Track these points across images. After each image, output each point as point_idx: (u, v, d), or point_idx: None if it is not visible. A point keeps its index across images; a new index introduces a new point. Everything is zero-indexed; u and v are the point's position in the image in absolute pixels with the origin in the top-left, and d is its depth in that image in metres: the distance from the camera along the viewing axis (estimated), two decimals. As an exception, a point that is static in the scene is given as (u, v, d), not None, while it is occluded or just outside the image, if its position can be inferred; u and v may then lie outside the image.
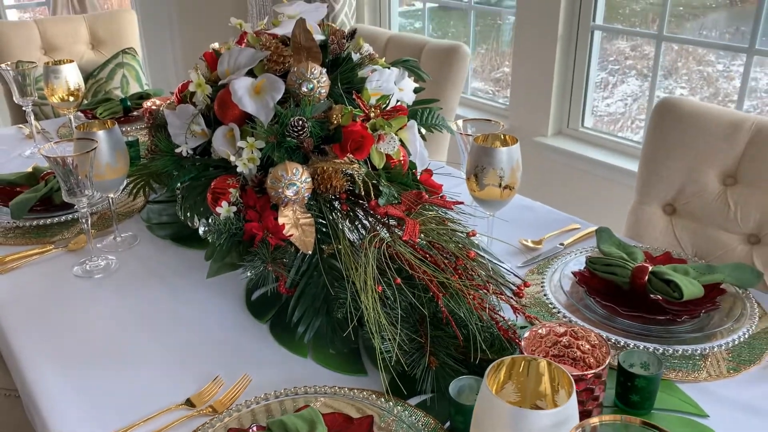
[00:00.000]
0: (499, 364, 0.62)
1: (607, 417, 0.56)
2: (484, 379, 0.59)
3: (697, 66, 3.06)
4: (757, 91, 2.72)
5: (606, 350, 0.82)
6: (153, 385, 0.98)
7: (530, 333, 0.86)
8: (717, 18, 2.90)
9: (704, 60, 3.03)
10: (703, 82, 3.04)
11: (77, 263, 1.32)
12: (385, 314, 0.97)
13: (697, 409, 0.91)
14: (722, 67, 3.02)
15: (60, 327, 1.13)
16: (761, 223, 1.24)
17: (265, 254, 1.01)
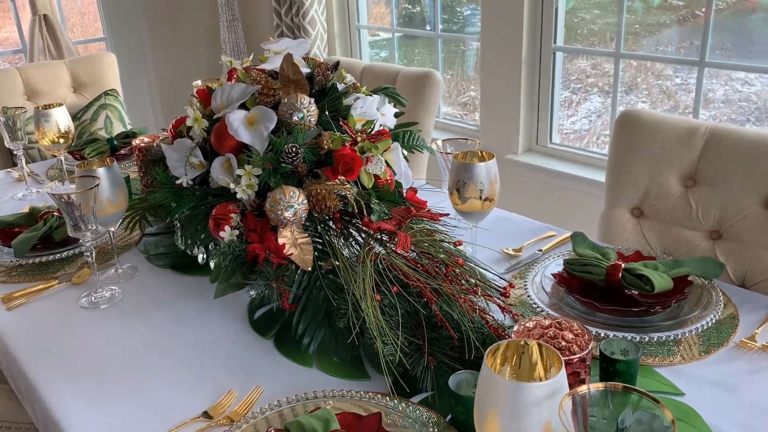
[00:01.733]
0: (497, 347, 0.70)
1: (594, 385, 0.65)
2: (484, 360, 0.68)
3: (657, 80, 3.20)
4: (714, 101, 2.86)
5: (588, 337, 0.91)
6: (169, 402, 1.04)
7: (519, 326, 0.95)
8: (671, 34, 3.06)
9: (662, 74, 3.17)
10: (663, 96, 3.18)
11: (83, 296, 1.38)
12: (384, 320, 1.05)
13: (674, 388, 1.00)
14: (680, 80, 3.17)
15: (72, 355, 1.18)
16: (721, 219, 1.35)
17: (269, 272, 1.09)
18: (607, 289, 1.20)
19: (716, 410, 0.96)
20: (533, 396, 0.65)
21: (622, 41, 2.32)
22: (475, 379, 0.97)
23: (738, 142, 1.31)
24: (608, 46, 2.74)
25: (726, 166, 1.33)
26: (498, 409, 0.67)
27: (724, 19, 2.46)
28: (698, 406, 0.96)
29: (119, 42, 3.66)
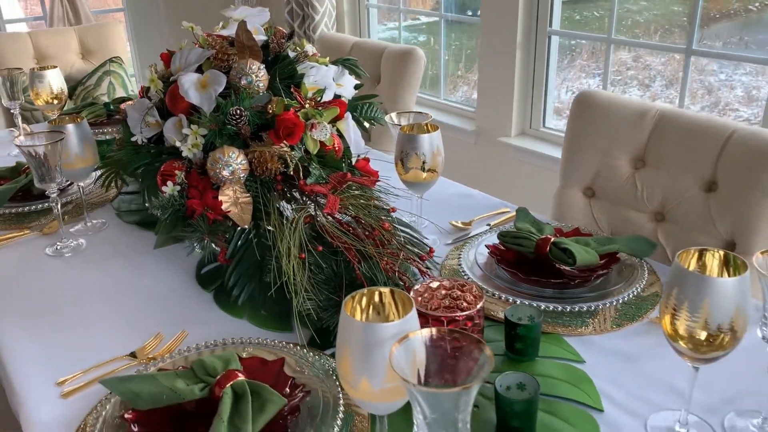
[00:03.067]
0: (356, 294, 0.75)
1: (424, 331, 0.69)
2: (342, 306, 0.73)
3: (699, 75, 3.14)
4: (759, 99, 2.80)
5: (480, 297, 0.95)
6: (104, 340, 1.12)
7: (422, 286, 0.99)
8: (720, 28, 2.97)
9: (706, 70, 3.12)
10: (704, 92, 3.13)
11: (50, 245, 1.46)
12: (309, 278, 1.11)
13: (576, 356, 1.04)
14: (724, 76, 3.11)
15: (28, 294, 1.27)
16: (663, 201, 1.36)
17: (202, 227, 1.15)
18: (537, 261, 1.23)
19: (611, 379, 0.99)
20: (380, 336, 0.70)
21: (613, 27, 2.31)
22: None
23: (682, 125, 1.32)
24: (651, 38, 2.71)
25: (671, 148, 1.34)
26: (350, 347, 0.72)
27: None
28: (595, 374, 1.00)
29: (137, 13, 3.76)
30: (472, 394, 0.64)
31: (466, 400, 0.65)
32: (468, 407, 0.67)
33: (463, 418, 0.67)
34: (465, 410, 0.66)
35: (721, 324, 0.76)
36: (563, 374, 0.99)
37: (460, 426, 0.68)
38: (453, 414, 0.66)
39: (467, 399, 0.65)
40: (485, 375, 0.64)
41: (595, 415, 0.92)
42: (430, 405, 0.65)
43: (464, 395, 0.64)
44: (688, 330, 0.78)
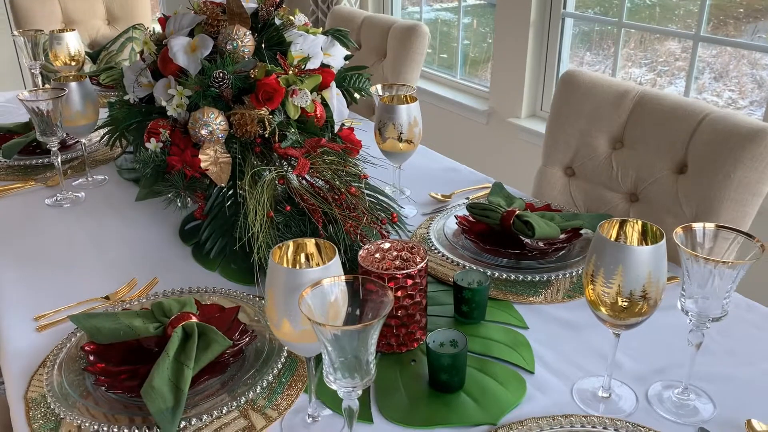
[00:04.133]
0: (282, 245, 0.80)
1: (329, 279, 0.74)
2: (270, 255, 0.78)
3: (751, 69, 3.07)
4: None
5: (423, 257, 0.99)
6: (83, 284, 1.20)
7: (373, 245, 1.04)
8: None
9: (758, 64, 3.04)
10: (754, 85, 3.06)
11: (50, 196, 1.55)
12: (276, 236, 1.17)
13: (521, 322, 1.08)
14: None
15: (23, 240, 1.36)
16: (637, 181, 1.38)
17: (178, 182, 1.21)
18: (503, 233, 1.27)
19: (551, 345, 1.03)
20: (299, 280, 0.75)
21: (624, 12, 2.30)
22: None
23: (659, 106, 1.34)
24: (690, 29, 2.66)
25: (648, 130, 1.35)
26: (275, 291, 0.77)
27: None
28: (536, 340, 1.04)
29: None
30: (371, 332, 0.69)
31: (367, 339, 0.70)
32: (371, 348, 0.72)
33: (367, 358, 0.72)
34: (369, 350, 0.72)
35: (634, 290, 0.79)
36: (504, 338, 1.04)
37: (365, 367, 0.73)
38: (358, 354, 0.71)
39: (367, 338, 0.70)
40: (384, 315, 0.69)
41: (526, 376, 0.96)
42: (336, 345, 0.70)
43: (364, 333, 0.69)
44: (603, 296, 0.81)
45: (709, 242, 0.84)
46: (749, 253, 0.81)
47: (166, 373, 0.87)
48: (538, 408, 0.90)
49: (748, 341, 1.03)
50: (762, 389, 0.93)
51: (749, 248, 0.81)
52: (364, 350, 0.71)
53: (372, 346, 0.72)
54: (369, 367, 0.73)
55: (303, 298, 0.70)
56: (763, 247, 0.80)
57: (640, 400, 0.92)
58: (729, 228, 0.83)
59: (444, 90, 3.12)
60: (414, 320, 1.00)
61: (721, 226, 0.84)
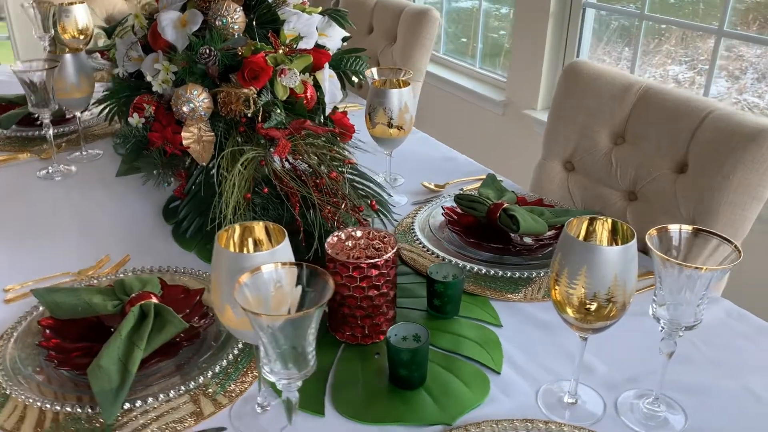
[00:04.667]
0: (228, 229, 0.77)
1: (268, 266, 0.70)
2: (215, 239, 0.75)
3: None
4: None
5: (392, 246, 0.96)
6: (59, 258, 1.19)
7: (344, 232, 1.01)
8: None
9: None
10: None
11: (43, 168, 1.54)
12: (253, 218, 1.14)
13: (496, 320, 1.03)
14: None
15: (7, 211, 1.35)
16: (635, 179, 1.32)
17: (156, 159, 1.19)
18: (489, 227, 1.22)
19: (523, 345, 0.98)
20: (241, 265, 0.72)
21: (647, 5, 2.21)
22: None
23: (663, 102, 1.27)
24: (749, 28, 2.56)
25: (650, 126, 1.29)
26: (218, 275, 0.74)
27: None
28: (508, 339, 0.99)
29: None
30: (307, 322, 0.66)
31: (305, 329, 0.67)
32: (310, 338, 0.68)
33: (305, 349, 0.69)
34: (307, 340, 0.68)
35: (599, 293, 0.75)
36: (475, 335, 0.99)
37: (304, 358, 0.70)
38: (295, 344, 0.68)
39: (305, 328, 0.66)
40: (322, 304, 0.65)
41: (492, 377, 0.92)
42: (271, 335, 0.67)
43: (300, 323, 0.66)
44: (567, 297, 0.77)
45: (685, 246, 0.79)
46: (726, 258, 0.76)
47: (116, 353, 0.85)
48: (499, 410, 0.86)
49: (735, 353, 0.97)
50: (741, 405, 0.88)
51: (727, 253, 0.76)
52: (302, 340, 0.68)
53: (311, 335, 0.68)
54: (308, 358, 0.70)
55: (239, 284, 0.67)
56: (740, 253, 0.75)
57: (608, 408, 0.87)
58: (707, 231, 0.78)
59: (461, 79, 3.06)
60: (380, 312, 0.96)
61: (700, 229, 0.78)
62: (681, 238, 0.79)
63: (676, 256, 0.79)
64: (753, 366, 0.95)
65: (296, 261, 0.73)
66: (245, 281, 0.68)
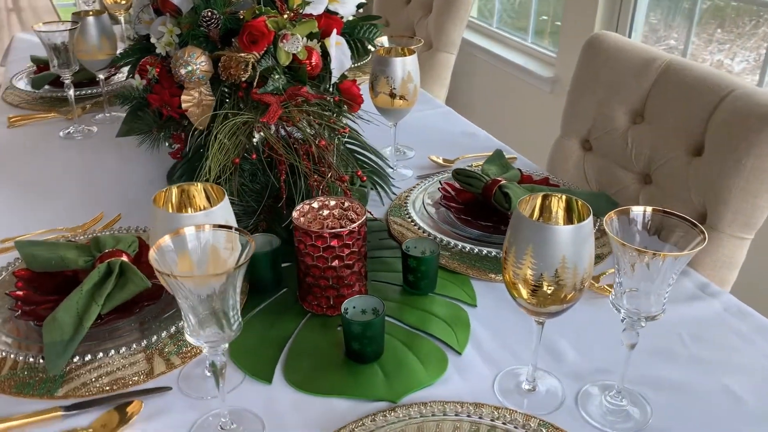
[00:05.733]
0: (165, 190, 0.76)
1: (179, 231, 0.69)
2: (152, 200, 0.75)
3: None
4: None
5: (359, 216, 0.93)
6: (59, 214, 1.22)
7: (317, 200, 0.99)
8: None
9: None
10: None
11: (65, 128, 1.59)
12: (242, 185, 1.14)
13: (470, 299, 0.99)
14: None
15: (22, 167, 1.40)
16: (650, 161, 1.23)
17: (150, 120, 1.20)
18: (486, 204, 1.17)
19: (493, 328, 0.94)
20: (176, 224, 0.71)
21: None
22: (270, 243, 1.03)
23: (684, 78, 1.18)
24: None
25: (669, 104, 1.20)
26: (155, 236, 0.74)
27: None
28: (479, 319, 0.95)
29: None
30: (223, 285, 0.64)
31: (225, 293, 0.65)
32: (229, 301, 0.67)
33: (226, 312, 0.68)
34: (225, 303, 0.67)
35: (545, 274, 0.70)
36: (445, 313, 0.96)
37: (226, 322, 0.69)
38: (215, 306, 0.67)
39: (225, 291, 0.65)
40: (244, 262, 0.64)
41: (453, 357, 0.88)
42: (188, 297, 0.66)
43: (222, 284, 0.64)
44: (514, 277, 0.72)
45: (653, 230, 0.73)
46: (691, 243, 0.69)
47: (74, 307, 0.86)
48: (452, 392, 0.83)
49: (725, 352, 0.90)
50: (712, 405, 0.81)
51: (693, 238, 0.70)
52: (223, 304, 0.67)
53: (231, 299, 0.67)
54: (231, 322, 0.68)
55: (159, 245, 0.66)
56: (705, 238, 0.68)
57: (568, 399, 0.82)
58: (670, 213, 0.71)
59: (509, 53, 2.96)
60: (345, 283, 0.94)
61: (662, 210, 0.72)
62: (646, 221, 0.72)
63: (640, 241, 0.73)
64: (739, 366, 0.87)
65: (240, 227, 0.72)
66: (165, 243, 0.67)
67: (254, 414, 0.79)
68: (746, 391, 0.83)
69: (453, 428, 0.76)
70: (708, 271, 1.08)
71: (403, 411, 0.78)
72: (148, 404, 0.80)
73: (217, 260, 0.71)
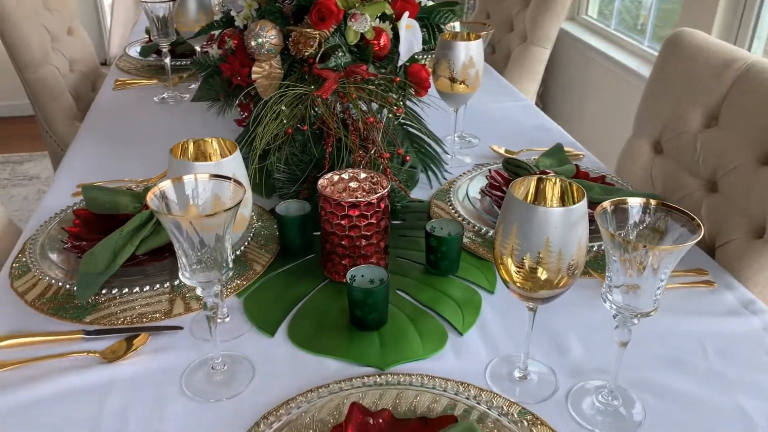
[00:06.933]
0: (182, 143, 0.82)
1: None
2: (170, 151, 0.80)
3: None
4: None
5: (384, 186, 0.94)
6: (135, 167, 1.33)
7: (348, 173, 1.01)
8: None
9: None
10: None
11: (161, 94, 1.72)
12: (292, 154, 1.20)
13: (491, 286, 0.98)
14: None
15: (115, 123, 1.54)
16: (715, 168, 1.14)
17: (219, 87, 1.28)
18: (531, 195, 1.15)
19: (503, 316, 0.92)
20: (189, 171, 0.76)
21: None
22: (302, 208, 1.07)
23: (764, 82, 1.09)
24: None
25: (744, 108, 1.11)
26: (171, 181, 0.80)
27: None
28: (492, 306, 0.94)
29: None
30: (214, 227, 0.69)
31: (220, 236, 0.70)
32: (225, 243, 0.71)
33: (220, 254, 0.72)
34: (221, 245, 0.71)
35: (528, 257, 0.68)
36: (458, 295, 0.96)
37: (220, 264, 0.73)
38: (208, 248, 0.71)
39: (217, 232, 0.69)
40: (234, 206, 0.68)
41: (454, 337, 0.88)
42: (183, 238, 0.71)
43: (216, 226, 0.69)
44: (500, 257, 0.71)
45: (650, 224, 0.69)
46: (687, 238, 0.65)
47: (112, 246, 0.95)
48: (442, 369, 0.83)
49: (750, 371, 0.83)
50: (717, 422, 0.75)
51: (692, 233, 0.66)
52: (217, 245, 0.71)
53: (222, 242, 0.71)
54: (222, 265, 0.73)
55: (159, 188, 0.72)
56: (701, 229, 0.64)
57: (559, 393, 0.80)
58: (669, 206, 0.67)
59: (627, 57, 2.82)
60: (361, 254, 0.96)
61: (661, 203, 0.68)
62: (644, 214, 0.69)
63: (637, 235, 0.69)
64: (762, 387, 0.80)
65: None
66: (165, 186, 0.72)
67: (248, 360, 0.83)
68: (760, 414, 0.77)
69: (431, 401, 0.76)
70: (759, 288, 1.00)
71: (387, 378, 0.79)
72: (158, 339, 0.86)
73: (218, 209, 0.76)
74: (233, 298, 0.95)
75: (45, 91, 1.90)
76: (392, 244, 1.08)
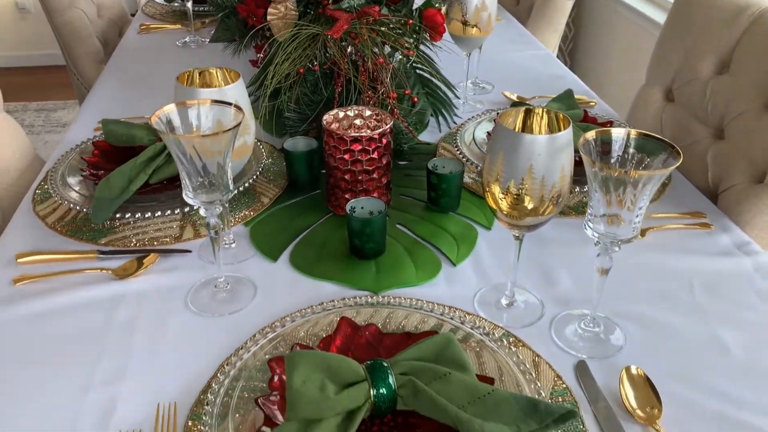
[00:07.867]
0: (188, 71, 0.85)
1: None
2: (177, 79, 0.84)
3: None
4: None
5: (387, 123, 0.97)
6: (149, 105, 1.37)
7: (353, 110, 1.04)
8: None
9: None
10: None
11: (184, 37, 1.76)
12: (303, 94, 1.23)
13: (489, 223, 1.01)
14: None
15: (144, 64, 1.59)
16: (723, 115, 1.14)
17: (234, 28, 1.31)
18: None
19: (497, 249, 0.95)
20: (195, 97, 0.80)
21: None
22: (309, 144, 1.10)
23: (775, 27, 1.08)
24: None
25: (754, 55, 1.11)
26: (179, 108, 0.83)
27: None
28: (488, 241, 0.97)
29: None
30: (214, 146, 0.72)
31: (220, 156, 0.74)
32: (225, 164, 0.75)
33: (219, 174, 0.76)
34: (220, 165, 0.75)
35: (512, 184, 0.71)
36: (455, 230, 0.99)
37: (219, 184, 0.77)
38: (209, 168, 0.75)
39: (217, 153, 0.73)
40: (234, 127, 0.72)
41: (448, 267, 0.92)
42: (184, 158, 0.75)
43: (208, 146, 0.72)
44: (487, 184, 0.74)
45: (633, 154, 0.71)
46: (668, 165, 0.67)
47: (127, 173, 0.99)
48: (434, 296, 0.86)
49: (734, 307, 0.85)
50: (692, 348, 0.78)
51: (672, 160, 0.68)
52: (216, 165, 0.75)
53: (220, 162, 0.75)
54: (222, 186, 0.77)
55: (163, 110, 0.75)
56: (680, 156, 0.66)
57: (544, 320, 0.83)
58: (649, 136, 0.69)
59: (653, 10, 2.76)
60: (362, 188, 0.99)
61: (642, 133, 0.70)
62: (624, 143, 0.71)
63: (620, 164, 0.71)
64: (743, 322, 0.82)
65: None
66: (170, 109, 0.76)
67: (252, 282, 0.88)
68: (737, 345, 0.79)
69: (420, 321, 0.80)
70: (756, 232, 1.01)
71: (379, 299, 0.83)
72: (167, 261, 0.92)
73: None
74: (240, 227, 1.00)
75: (73, 35, 1.95)
76: (397, 182, 1.11)
